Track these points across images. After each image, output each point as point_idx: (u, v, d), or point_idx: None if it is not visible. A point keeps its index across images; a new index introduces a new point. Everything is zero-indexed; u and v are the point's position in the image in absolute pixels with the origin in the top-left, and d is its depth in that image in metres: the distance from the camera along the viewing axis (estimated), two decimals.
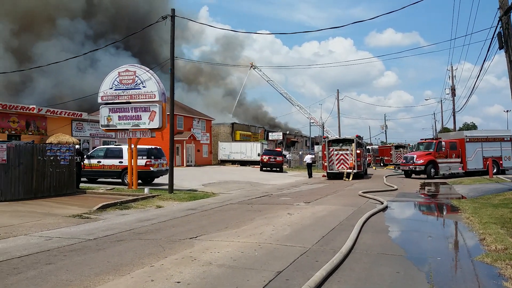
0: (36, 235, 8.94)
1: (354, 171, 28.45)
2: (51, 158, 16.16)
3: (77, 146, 18.69)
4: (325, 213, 12.32)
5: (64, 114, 30.77)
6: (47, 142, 26.18)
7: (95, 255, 7.15)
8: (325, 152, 29.83)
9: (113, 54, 59.85)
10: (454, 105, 42.10)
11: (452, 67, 43.36)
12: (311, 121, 68.79)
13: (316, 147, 61.30)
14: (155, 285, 5.42)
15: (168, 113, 18.92)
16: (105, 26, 60.89)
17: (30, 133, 28.44)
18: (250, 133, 61.03)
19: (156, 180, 22.23)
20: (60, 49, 51.14)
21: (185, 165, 44.17)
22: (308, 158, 34.01)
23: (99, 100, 19.02)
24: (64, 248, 7.65)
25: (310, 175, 32.39)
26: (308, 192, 19.73)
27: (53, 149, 16.47)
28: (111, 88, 18.70)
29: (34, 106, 28.51)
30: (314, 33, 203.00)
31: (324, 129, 64.29)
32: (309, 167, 33.08)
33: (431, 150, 29.18)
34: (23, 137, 27.08)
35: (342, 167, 28.93)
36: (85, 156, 20.61)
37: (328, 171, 29.46)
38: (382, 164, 56.05)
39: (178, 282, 5.53)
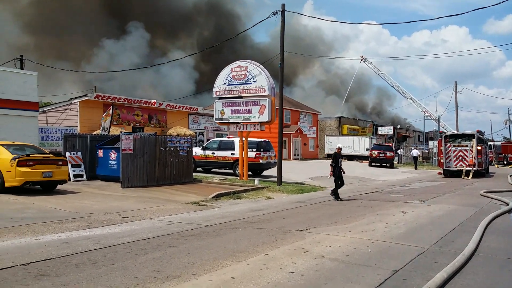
0: (159, 219, 9.73)
1: (474, 169, 26.29)
2: (172, 148, 17.44)
3: None
4: (442, 212, 11.60)
5: (182, 108, 33.02)
6: (167, 134, 28.35)
7: (213, 240, 7.59)
8: (441, 148, 27.99)
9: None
10: None
11: None
12: (425, 114, 64.97)
13: (430, 142, 57.70)
14: (270, 273, 5.59)
15: (277, 107, 19.26)
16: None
17: (152, 125, 31.04)
18: (358, 127, 59.47)
19: (265, 172, 22.80)
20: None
21: (291, 158, 44.58)
22: (414, 152, 39.70)
23: (214, 95, 20.09)
24: (185, 232, 8.23)
25: (415, 167, 37.67)
26: (422, 189, 18.70)
27: (173, 140, 17.77)
28: (225, 84, 19.61)
29: (155, 101, 31.04)
30: (425, 22, 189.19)
31: (440, 123, 60.17)
32: (415, 160, 39.14)
33: None
34: (146, 129, 29.65)
35: (461, 165, 26.90)
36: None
37: (445, 168, 27.62)
38: (505, 162, 51.71)
39: (292, 272, 5.64)
